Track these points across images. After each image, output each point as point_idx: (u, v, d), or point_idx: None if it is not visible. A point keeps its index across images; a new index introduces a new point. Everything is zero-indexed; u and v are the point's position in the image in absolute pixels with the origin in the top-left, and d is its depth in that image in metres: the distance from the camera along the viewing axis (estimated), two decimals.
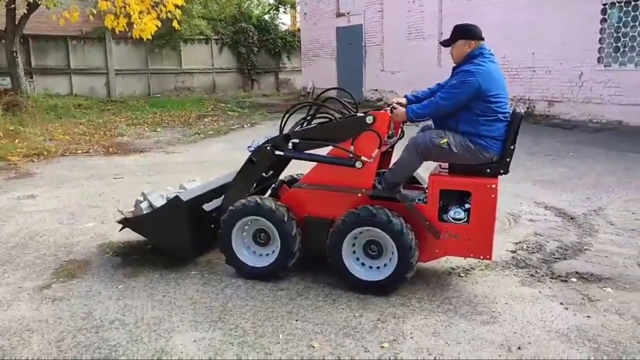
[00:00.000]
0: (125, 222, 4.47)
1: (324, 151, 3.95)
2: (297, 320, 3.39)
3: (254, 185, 4.34)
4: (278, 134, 4.09)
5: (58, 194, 6.70)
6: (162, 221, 4.24)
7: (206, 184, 4.73)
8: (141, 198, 4.53)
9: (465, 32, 3.83)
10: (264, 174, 4.35)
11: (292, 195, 4.04)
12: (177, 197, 4.17)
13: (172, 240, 4.29)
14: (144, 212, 4.39)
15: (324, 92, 4.41)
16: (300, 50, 22.72)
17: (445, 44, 3.95)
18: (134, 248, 4.68)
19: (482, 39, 3.83)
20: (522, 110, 3.78)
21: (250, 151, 4.11)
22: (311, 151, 3.98)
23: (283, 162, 4.48)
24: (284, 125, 4.11)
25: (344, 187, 3.82)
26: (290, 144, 3.91)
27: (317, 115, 4.24)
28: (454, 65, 3.91)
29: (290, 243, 3.83)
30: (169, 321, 3.40)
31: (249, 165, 4.14)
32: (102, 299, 3.72)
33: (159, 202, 4.42)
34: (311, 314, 3.47)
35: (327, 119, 4.14)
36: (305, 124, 4.22)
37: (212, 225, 4.25)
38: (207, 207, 4.32)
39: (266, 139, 4.10)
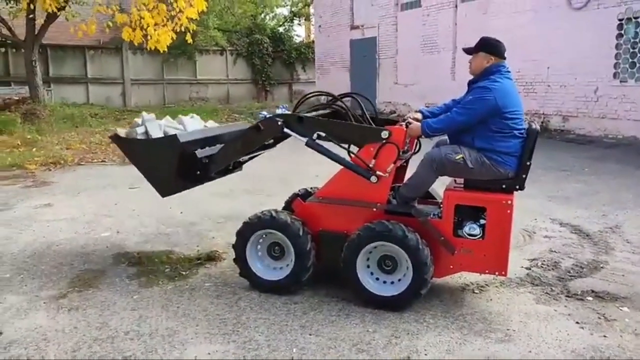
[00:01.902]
0: (116, 139, 4.46)
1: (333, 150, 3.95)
2: (310, 335, 3.39)
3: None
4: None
5: (74, 203, 6.78)
6: (153, 153, 4.28)
7: (205, 130, 4.67)
8: (139, 121, 4.48)
9: (488, 47, 3.85)
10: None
11: (306, 208, 4.05)
12: (175, 136, 4.16)
13: (156, 173, 4.36)
14: (138, 137, 4.37)
15: (344, 94, 4.45)
16: (314, 62, 22.86)
17: (468, 51, 3.96)
18: (148, 259, 4.72)
19: (504, 57, 3.84)
20: (538, 127, 3.77)
21: (261, 118, 4.11)
22: (324, 144, 3.92)
23: (283, 137, 4.36)
24: (298, 106, 4.17)
25: (359, 201, 3.83)
26: (315, 135, 3.85)
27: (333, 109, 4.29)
28: (470, 79, 3.92)
29: (304, 257, 3.83)
30: (184, 333, 3.42)
31: (254, 131, 4.09)
32: (118, 309, 3.75)
33: (155, 133, 4.39)
34: (325, 329, 3.46)
35: (338, 110, 4.20)
36: (320, 111, 4.27)
37: (198, 172, 4.27)
38: (200, 153, 4.28)
39: (280, 111, 4.12)
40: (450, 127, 3.76)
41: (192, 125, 4.69)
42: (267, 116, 4.11)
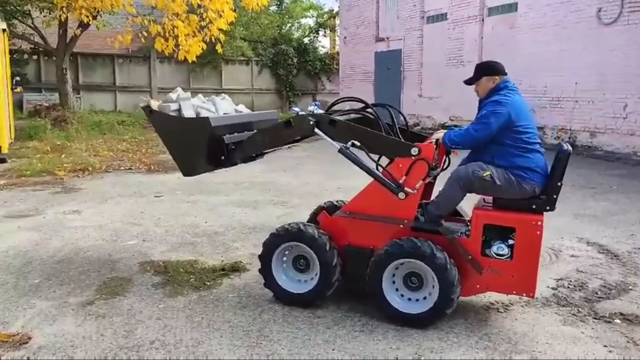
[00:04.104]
0: (148, 111, 4.47)
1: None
2: (333, 350, 3.39)
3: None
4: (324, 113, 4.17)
5: (102, 210, 6.90)
6: (183, 132, 4.32)
7: (236, 116, 4.71)
8: (173, 96, 4.50)
9: (488, 69, 3.95)
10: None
11: (333, 222, 4.05)
12: (207, 119, 4.20)
13: (182, 152, 4.42)
14: (171, 113, 4.39)
15: (376, 104, 4.48)
16: (338, 73, 22.95)
17: (469, 82, 4.07)
18: (173, 268, 4.76)
19: (505, 73, 3.92)
20: (570, 147, 3.74)
21: (293, 113, 4.13)
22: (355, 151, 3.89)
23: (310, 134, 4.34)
24: (330, 109, 4.23)
25: (387, 217, 3.82)
26: (349, 144, 3.84)
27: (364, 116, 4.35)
28: (480, 99, 3.97)
29: (330, 272, 3.83)
30: (208, 344, 3.44)
31: (284, 127, 4.12)
32: (143, 318, 3.80)
33: (187, 112, 4.41)
34: (348, 344, 3.46)
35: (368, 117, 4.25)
36: (351, 116, 4.35)
37: (223, 157, 4.29)
38: (228, 138, 4.29)
39: (312, 108, 4.15)
40: (468, 142, 3.79)
41: (223, 107, 4.73)
42: (300, 113, 4.13)
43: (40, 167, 9.52)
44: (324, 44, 28.59)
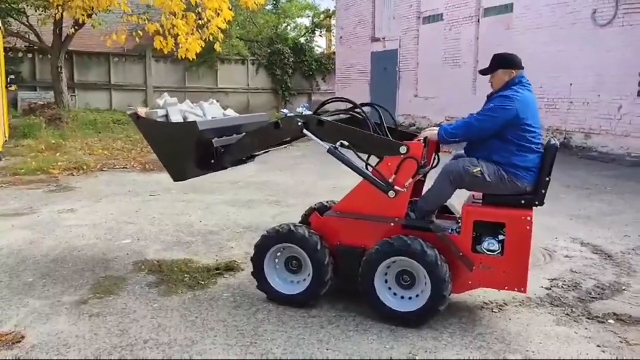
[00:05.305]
0: (135, 118, 4.45)
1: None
2: (327, 350, 3.39)
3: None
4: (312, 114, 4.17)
5: (96, 209, 6.87)
6: (171, 137, 4.32)
7: (224, 119, 4.71)
8: (161, 102, 4.50)
9: (506, 62, 3.87)
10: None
11: (324, 222, 4.04)
12: (194, 123, 4.20)
13: (171, 157, 4.43)
14: (158, 119, 4.38)
15: (364, 104, 4.48)
16: (334, 73, 22.96)
17: (484, 72, 3.98)
18: (168, 267, 4.75)
19: (522, 68, 3.88)
20: (558, 142, 3.76)
21: (282, 116, 4.13)
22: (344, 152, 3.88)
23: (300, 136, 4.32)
24: (319, 110, 4.24)
25: (377, 216, 3.82)
26: (338, 144, 3.83)
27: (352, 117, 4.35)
28: (489, 93, 3.94)
29: (322, 272, 3.83)
30: (202, 343, 3.44)
31: (272, 128, 4.12)
32: (137, 318, 3.79)
33: (175, 117, 4.40)
34: (342, 344, 3.46)
35: (356, 117, 4.25)
36: (340, 116, 4.35)
37: (213, 161, 4.28)
38: (217, 142, 4.29)
39: (300, 110, 4.15)
40: (468, 133, 3.76)
41: (211, 112, 4.73)
42: (288, 115, 4.13)
43: (34, 166, 9.49)
44: (320, 44, 28.64)
